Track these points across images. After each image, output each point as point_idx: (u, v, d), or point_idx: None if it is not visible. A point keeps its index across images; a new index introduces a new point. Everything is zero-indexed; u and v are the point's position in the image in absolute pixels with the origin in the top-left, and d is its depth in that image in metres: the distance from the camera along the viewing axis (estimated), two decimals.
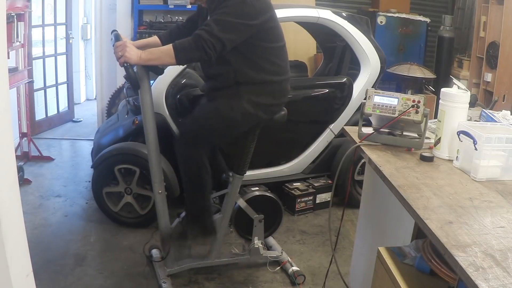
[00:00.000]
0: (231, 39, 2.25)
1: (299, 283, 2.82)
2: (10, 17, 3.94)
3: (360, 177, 3.62)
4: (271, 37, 2.41)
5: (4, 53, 1.46)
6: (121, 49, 2.27)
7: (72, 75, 5.99)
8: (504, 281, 1.11)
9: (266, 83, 2.46)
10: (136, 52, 2.28)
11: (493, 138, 1.71)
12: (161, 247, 2.75)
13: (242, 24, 2.25)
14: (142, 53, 2.30)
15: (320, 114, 3.78)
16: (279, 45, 2.47)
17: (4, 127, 1.43)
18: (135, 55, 2.27)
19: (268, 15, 2.35)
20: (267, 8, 2.35)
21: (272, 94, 2.50)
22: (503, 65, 4.59)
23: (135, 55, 2.27)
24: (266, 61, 2.43)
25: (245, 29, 2.27)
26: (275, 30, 2.43)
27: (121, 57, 2.26)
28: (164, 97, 3.29)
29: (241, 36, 2.28)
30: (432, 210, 1.45)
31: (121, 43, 2.29)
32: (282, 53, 2.50)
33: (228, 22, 2.23)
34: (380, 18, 5.51)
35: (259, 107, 2.46)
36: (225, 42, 2.23)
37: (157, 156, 2.53)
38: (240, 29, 2.26)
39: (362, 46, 3.78)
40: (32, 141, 4.52)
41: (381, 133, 2.08)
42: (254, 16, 2.27)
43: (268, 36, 2.39)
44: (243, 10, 2.25)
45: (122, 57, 2.26)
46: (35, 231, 3.27)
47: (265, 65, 2.43)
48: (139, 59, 2.28)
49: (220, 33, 2.20)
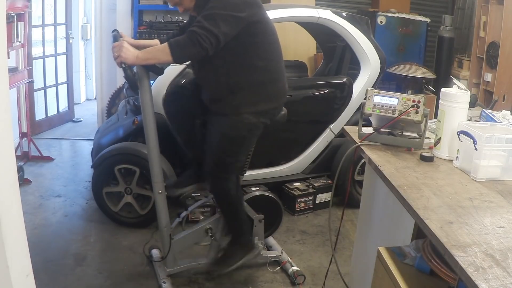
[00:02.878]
0: (224, 32, 2.25)
1: (299, 283, 2.82)
2: (10, 17, 3.94)
3: (360, 177, 3.61)
4: (259, 31, 2.39)
5: (4, 53, 1.46)
6: (117, 49, 2.28)
7: (72, 75, 5.99)
8: (504, 281, 1.10)
9: (260, 86, 2.45)
10: (133, 52, 2.28)
11: (493, 138, 1.70)
12: (161, 247, 2.76)
13: (231, 16, 2.26)
14: (139, 53, 2.30)
15: (320, 114, 3.78)
16: (268, 40, 2.45)
17: (4, 127, 1.43)
18: (132, 55, 2.28)
19: (255, 9, 2.35)
20: (254, 2, 2.35)
21: (268, 98, 2.50)
22: (503, 65, 4.59)
23: (131, 55, 2.28)
24: (256, 57, 2.41)
25: (235, 21, 2.27)
26: (264, 25, 2.42)
27: (118, 57, 2.27)
28: (164, 97, 3.29)
29: (232, 28, 2.27)
30: (432, 210, 1.45)
31: (117, 43, 2.30)
32: (272, 49, 2.48)
33: (216, 15, 2.24)
34: (380, 18, 5.51)
35: (260, 114, 2.47)
36: (219, 35, 2.23)
37: (157, 156, 2.53)
38: (230, 21, 2.26)
39: (362, 46, 3.78)
40: (32, 141, 4.52)
41: (381, 133, 2.08)
42: (241, 8, 2.27)
43: (256, 30, 2.37)
44: (229, 2, 2.27)
45: (118, 57, 2.27)
46: (35, 231, 3.27)
47: (256, 62, 2.41)
48: (136, 58, 2.28)
49: (212, 27, 2.21)
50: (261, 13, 2.41)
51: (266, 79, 2.46)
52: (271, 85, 2.49)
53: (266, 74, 2.46)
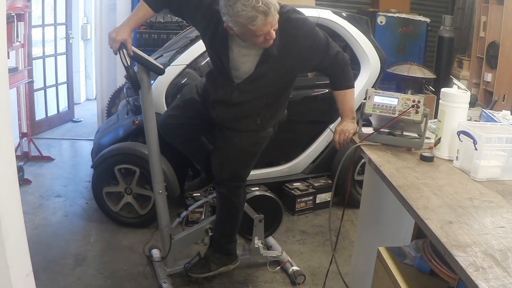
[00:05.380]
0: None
1: (299, 283, 2.81)
2: (10, 17, 3.94)
3: (360, 177, 3.62)
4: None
5: (4, 53, 1.46)
6: (110, 38, 2.21)
7: (72, 75, 5.99)
8: (504, 281, 1.11)
9: (285, 102, 2.51)
10: (121, 27, 2.22)
11: (493, 138, 1.70)
12: (161, 247, 2.76)
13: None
14: (125, 23, 2.24)
15: (320, 114, 3.78)
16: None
17: (4, 127, 1.43)
18: (121, 27, 2.22)
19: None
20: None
21: (284, 107, 2.50)
22: (503, 65, 4.59)
23: (120, 28, 2.22)
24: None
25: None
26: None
27: (113, 42, 2.19)
28: (164, 97, 3.29)
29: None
30: (432, 210, 1.45)
31: (110, 31, 2.25)
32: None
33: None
34: (380, 18, 5.51)
35: (276, 123, 2.48)
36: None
37: (158, 156, 2.53)
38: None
39: (362, 46, 3.77)
40: (32, 141, 4.52)
41: (381, 133, 2.08)
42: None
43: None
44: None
45: (113, 41, 2.19)
46: (35, 231, 3.27)
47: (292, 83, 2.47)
48: (127, 27, 2.22)
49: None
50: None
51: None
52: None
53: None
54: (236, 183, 2.53)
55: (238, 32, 2.03)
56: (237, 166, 2.49)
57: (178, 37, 4.11)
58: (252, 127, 2.38)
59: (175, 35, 4.35)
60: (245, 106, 2.33)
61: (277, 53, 2.13)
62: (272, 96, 2.35)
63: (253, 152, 2.47)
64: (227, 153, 2.45)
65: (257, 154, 2.50)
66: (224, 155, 2.47)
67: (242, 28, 1.98)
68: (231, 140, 2.41)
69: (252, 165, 2.55)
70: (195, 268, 2.68)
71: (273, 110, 2.41)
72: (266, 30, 1.99)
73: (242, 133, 2.40)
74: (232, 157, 2.45)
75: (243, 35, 2.05)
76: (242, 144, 2.41)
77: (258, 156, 2.52)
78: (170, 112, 2.60)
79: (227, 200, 2.57)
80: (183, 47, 3.46)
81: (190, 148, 2.70)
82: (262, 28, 1.96)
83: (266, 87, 2.29)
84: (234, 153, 2.44)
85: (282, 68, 2.22)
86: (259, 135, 2.41)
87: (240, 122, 2.38)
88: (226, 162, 2.48)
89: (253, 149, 2.46)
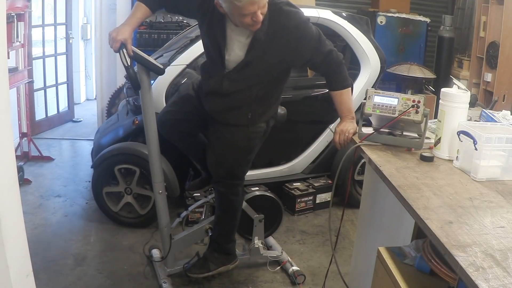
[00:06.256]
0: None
1: (299, 283, 2.81)
2: (10, 17, 3.94)
3: (360, 177, 3.62)
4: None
5: (4, 53, 1.47)
6: (110, 38, 2.22)
7: (72, 75, 5.99)
8: (504, 281, 1.11)
9: (279, 97, 2.50)
10: (122, 27, 2.23)
11: (493, 138, 1.71)
12: (161, 247, 2.75)
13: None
14: (125, 23, 2.25)
15: (320, 114, 3.78)
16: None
17: (4, 127, 1.43)
18: (122, 27, 2.23)
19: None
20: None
21: (277, 102, 2.51)
22: (503, 65, 4.59)
23: (121, 27, 2.23)
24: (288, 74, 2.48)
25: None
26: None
27: (113, 41, 2.20)
28: (164, 97, 3.29)
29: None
30: (432, 210, 1.45)
31: (110, 31, 2.25)
32: None
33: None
34: (380, 18, 5.51)
35: (270, 119, 2.48)
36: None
37: (158, 156, 2.53)
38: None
39: (362, 46, 3.77)
40: (32, 141, 4.52)
41: (381, 133, 2.08)
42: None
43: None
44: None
45: (114, 41, 2.20)
46: (35, 231, 3.27)
47: (286, 78, 2.47)
48: (127, 26, 2.23)
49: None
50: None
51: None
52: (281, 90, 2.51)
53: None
54: (233, 181, 2.53)
55: (226, 9, 2.08)
56: (231, 162, 2.49)
57: (178, 37, 4.11)
58: (243, 121, 2.39)
59: (175, 35, 4.35)
60: (236, 96, 2.35)
61: (264, 39, 2.16)
62: (263, 89, 2.35)
63: (245, 147, 2.46)
64: (220, 149, 2.47)
65: (250, 150, 2.49)
66: (217, 151, 2.49)
67: (230, 5, 2.03)
68: (223, 135, 2.44)
69: (248, 163, 2.55)
70: (194, 268, 2.68)
71: (265, 105, 2.41)
72: (253, 10, 2.03)
73: (234, 127, 2.41)
74: (226, 153, 2.47)
75: (231, 14, 2.10)
76: (234, 139, 2.42)
77: (253, 153, 2.52)
78: (168, 108, 2.65)
79: (225, 199, 2.58)
80: (183, 47, 3.46)
81: (189, 145, 2.71)
82: (249, 7, 2.01)
83: (254, 77, 2.31)
84: (226, 148, 2.45)
85: (270, 58, 2.24)
86: (250, 130, 2.41)
87: (232, 113, 2.39)
88: (220, 158, 2.49)
89: (245, 144, 2.45)
